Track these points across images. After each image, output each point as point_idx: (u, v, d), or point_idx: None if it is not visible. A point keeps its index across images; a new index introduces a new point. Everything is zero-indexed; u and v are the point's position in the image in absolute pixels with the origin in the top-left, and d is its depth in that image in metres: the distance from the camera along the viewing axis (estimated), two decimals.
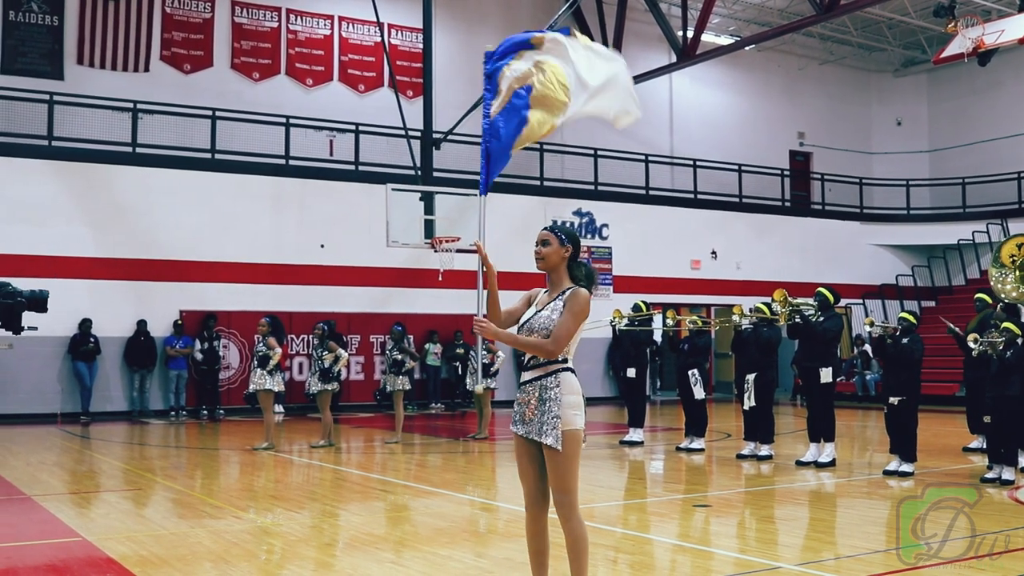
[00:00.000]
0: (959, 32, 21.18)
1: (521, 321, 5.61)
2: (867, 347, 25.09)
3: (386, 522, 9.28)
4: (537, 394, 5.45)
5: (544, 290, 5.70)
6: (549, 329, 5.42)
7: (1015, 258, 11.75)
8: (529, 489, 5.54)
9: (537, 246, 5.66)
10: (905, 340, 11.54)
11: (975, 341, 10.99)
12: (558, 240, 5.62)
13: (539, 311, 5.55)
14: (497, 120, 5.89)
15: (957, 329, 12.35)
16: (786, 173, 30.34)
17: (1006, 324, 10.92)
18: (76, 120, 20.54)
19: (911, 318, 11.81)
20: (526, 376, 5.52)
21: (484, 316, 5.53)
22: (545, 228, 5.71)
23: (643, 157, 27.19)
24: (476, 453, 14.80)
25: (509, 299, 5.72)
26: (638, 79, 26.36)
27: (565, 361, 5.51)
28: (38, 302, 8.50)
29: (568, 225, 5.80)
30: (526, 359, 5.54)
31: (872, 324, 12.14)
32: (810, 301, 13.08)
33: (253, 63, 23.58)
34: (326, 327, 15.45)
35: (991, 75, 28.58)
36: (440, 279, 20.43)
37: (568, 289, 5.54)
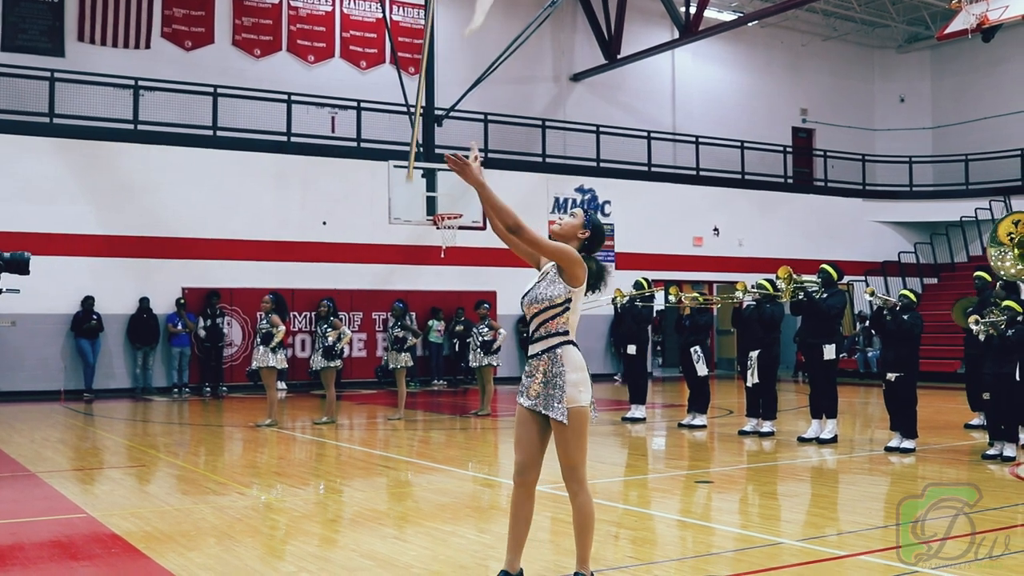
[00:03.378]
0: (963, 8, 21.07)
1: (522, 296, 5.60)
2: (868, 324, 25.11)
3: (389, 498, 9.30)
4: (543, 370, 5.46)
5: (551, 266, 5.61)
6: (550, 301, 5.42)
7: (1013, 236, 11.73)
8: (522, 458, 5.53)
9: (555, 222, 5.66)
10: (905, 316, 11.53)
11: (975, 323, 10.97)
12: (584, 220, 5.63)
13: (539, 282, 5.54)
14: None
15: (883, 299, 12.11)
16: (789, 150, 30.28)
17: (1007, 302, 10.91)
18: (77, 97, 20.52)
19: (912, 296, 11.81)
20: (532, 349, 5.53)
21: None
22: (580, 206, 5.64)
23: (645, 134, 27.14)
24: (478, 429, 14.83)
25: (521, 285, 5.72)
26: (641, 55, 26.44)
27: (567, 334, 5.51)
28: (18, 264, 8.42)
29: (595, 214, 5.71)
30: (530, 332, 5.53)
31: (873, 294, 12.13)
32: (814, 278, 13.06)
33: (254, 40, 23.52)
34: (331, 304, 15.47)
35: (995, 51, 28.49)
36: (442, 256, 20.47)
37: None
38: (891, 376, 11.60)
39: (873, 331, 12.02)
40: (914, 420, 11.63)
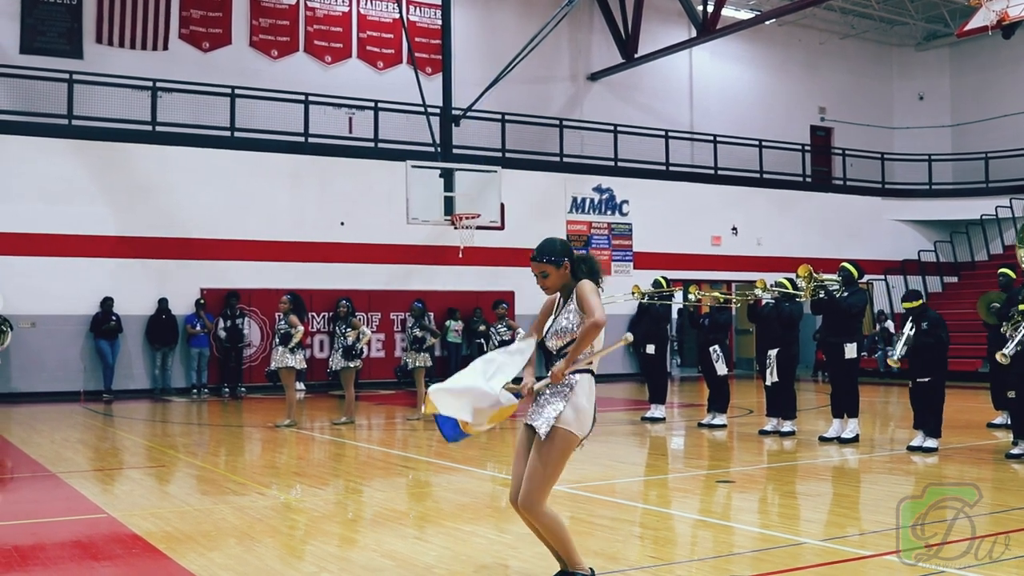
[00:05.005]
0: (983, 5, 20.95)
1: (544, 331, 5.61)
2: (889, 323, 25.00)
3: (408, 498, 9.29)
4: (555, 390, 5.46)
5: (558, 295, 5.66)
6: (571, 331, 5.45)
7: None
8: (516, 478, 5.51)
9: (538, 280, 5.60)
10: (925, 325, 11.38)
11: (1004, 358, 10.79)
12: (554, 265, 5.53)
13: (556, 317, 5.57)
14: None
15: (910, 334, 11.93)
16: (807, 148, 30.15)
17: None
18: (96, 99, 20.57)
19: (916, 303, 11.60)
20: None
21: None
22: (533, 259, 5.56)
23: (663, 133, 27.07)
24: (497, 429, 14.77)
25: (522, 277, 5.70)
26: (658, 54, 26.38)
27: (589, 364, 5.52)
28: None
29: (547, 238, 5.66)
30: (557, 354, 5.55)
31: (1004, 356, 11.50)
32: (834, 276, 12.98)
33: (271, 40, 23.55)
34: (350, 304, 15.47)
35: (1015, 48, 28.29)
36: (460, 256, 20.48)
37: (575, 286, 5.53)
38: (922, 380, 11.48)
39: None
40: (940, 419, 11.54)
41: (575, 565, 5.51)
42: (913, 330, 11.44)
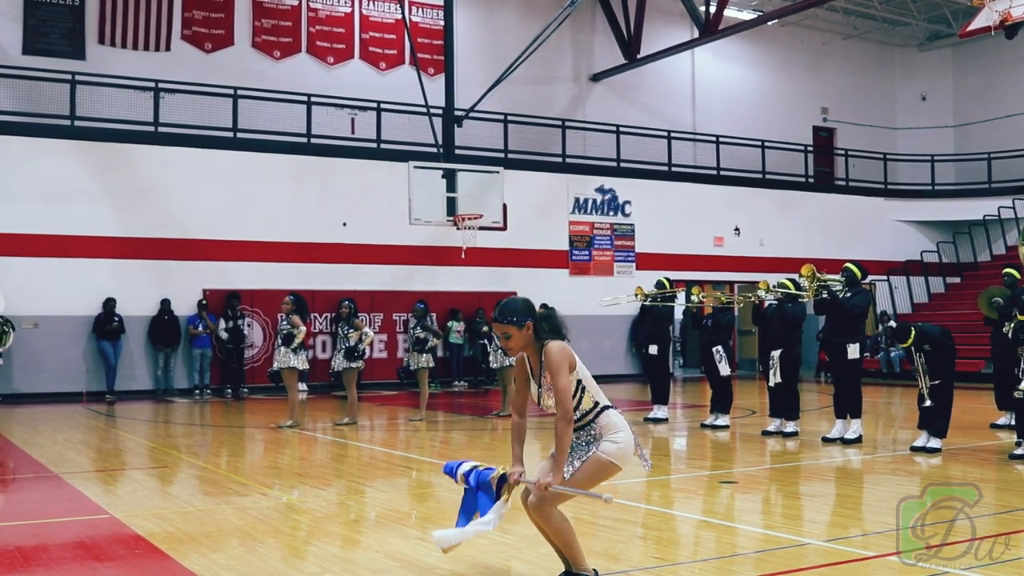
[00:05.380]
0: (985, 5, 20.91)
1: (535, 394, 5.57)
2: (892, 323, 24.95)
3: (411, 499, 9.28)
4: (585, 439, 5.49)
5: (525, 356, 5.61)
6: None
7: None
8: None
9: (501, 341, 5.55)
10: (927, 347, 11.34)
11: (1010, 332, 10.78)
12: (516, 326, 5.45)
13: (541, 389, 5.51)
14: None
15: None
16: (809, 149, 30.14)
17: None
18: (98, 100, 20.59)
19: (908, 340, 11.52)
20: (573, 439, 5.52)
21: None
22: (495, 319, 5.51)
23: (665, 133, 27.07)
24: (500, 430, 14.79)
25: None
26: (660, 55, 26.38)
27: (597, 405, 5.49)
28: None
29: (509, 298, 5.65)
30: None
31: (890, 322, 11.63)
32: (837, 277, 12.97)
33: (274, 41, 23.56)
34: (352, 304, 15.47)
35: (1018, 48, 28.24)
36: (463, 256, 20.49)
37: (543, 349, 5.46)
38: (931, 382, 11.45)
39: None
40: (947, 421, 11.51)
41: (580, 567, 5.51)
42: (922, 357, 11.39)
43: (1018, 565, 6.18)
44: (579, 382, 5.44)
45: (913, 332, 11.40)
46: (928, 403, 11.33)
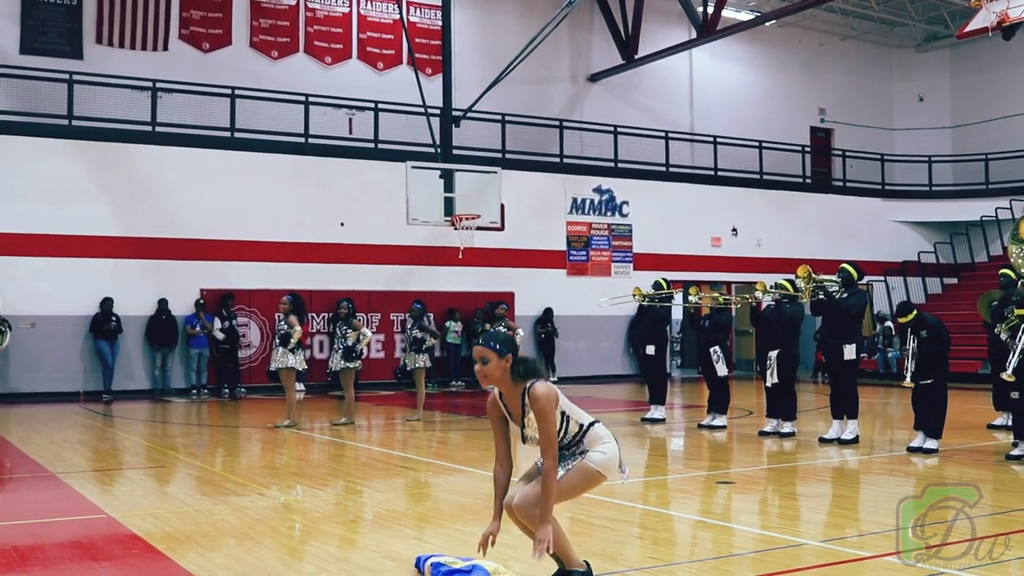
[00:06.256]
0: (983, 6, 20.93)
1: (521, 432, 5.53)
2: (889, 324, 24.98)
3: (408, 499, 9.28)
4: (573, 453, 5.53)
5: (499, 393, 5.57)
6: (550, 431, 5.40)
7: None
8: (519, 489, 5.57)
9: (476, 364, 5.47)
10: (924, 333, 11.37)
11: (1002, 333, 10.79)
12: (496, 353, 5.42)
13: (524, 428, 5.47)
14: None
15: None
16: (807, 149, 30.16)
17: None
18: (96, 99, 20.58)
19: (910, 316, 11.56)
20: (562, 455, 5.53)
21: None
22: (478, 343, 5.48)
23: (663, 134, 27.08)
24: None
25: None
26: (658, 55, 26.39)
27: (582, 427, 5.52)
28: None
29: (498, 330, 5.63)
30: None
31: (887, 323, 11.67)
32: (834, 277, 12.98)
33: (272, 41, 23.56)
34: (350, 305, 15.47)
35: (1015, 49, 28.29)
36: (460, 257, 20.46)
37: (525, 392, 5.41)
38: (925, 382, 11.47)
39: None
40: (942, 420, 11.53)
41: (571, 563, 5.54)
42: (916, 342, 11.42)
43: (1018, 565, 6.19)
44: (563, 414, 5.45)
45: (915, 311, 11.47)
46: (909, 381, 11.36)
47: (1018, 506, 8.30)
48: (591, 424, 5.54)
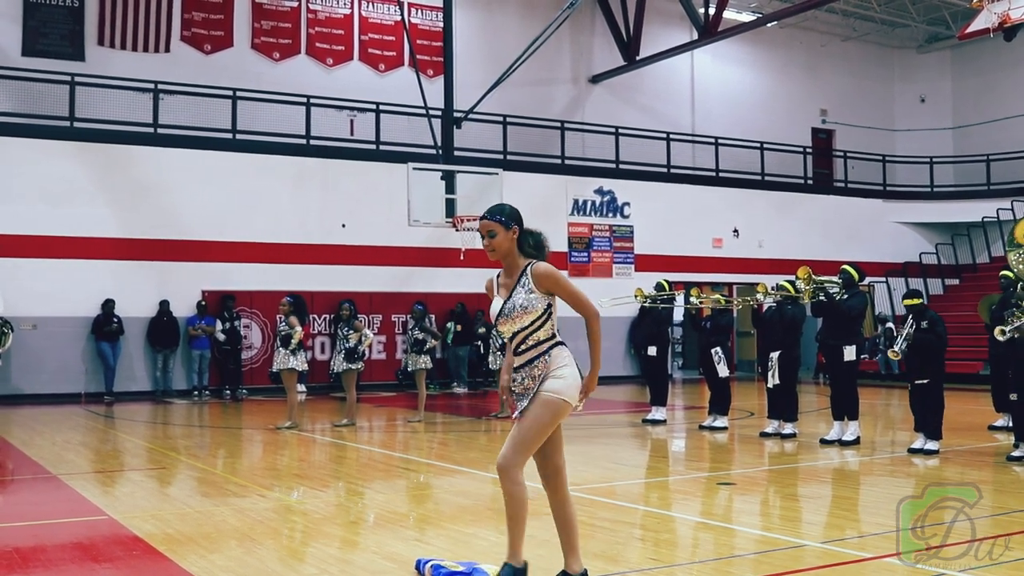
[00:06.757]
0: (984, 7, 20.91)
1: (494, 314, 5.50)
2: (890, 325, 24.95)
3: (409, 500, 9.29)
4: (537, 372, 5.41)
5: (497, 273, 5.58)
6: (528, 310, 5.36)
7: None
8: (538, 466, 5.57)
9: (484, 239, 5.46)
10: (924, 323, 11.40)
11: (1001, 333, 10.80)
12: (503, 226, 5.44)
13: (508, 299, 5.44)
14: None
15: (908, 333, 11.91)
16: (808, 151, 30.16)
17: None
18: (97, 101, 20.60)
19: (916, 300, 11.62)
20: (517, 362, 5.46)
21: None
22: (484, 217, 5.46)
23: (664, 135, 27.08)
24: (498, 432, 14.79)
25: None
26: (660, 56, 26.40)
27: (553, 338, 5.47)
28: None
29: (503, 203, 5.59)
30: (514, 344, 5.46)
31: (1003, 332, 11.61)
32: (834, 278, 12.98)
33: (273, 43, 23.58)
34: (352, 306, 15.47)
35: (1017, 50, 28.27)
36: (462, 258, 20.46)
37: (527, 267, 5.42)
38: (920, 382, 11.49)
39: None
40: (940, 421, 11.54)
41: (514, 555, 5.49)
42: (913, 327, 11.45)
43: (1018, 566, 6.19)
44: (550, 306, 5.43)
45: (923, 299, 11.52)
46: (900, 349, 11.40)
47: (1018, 507, 8.30)
48: (559, 343, 5.49)
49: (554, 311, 5.47)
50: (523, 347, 5.45)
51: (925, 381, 11.46)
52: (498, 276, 5.60)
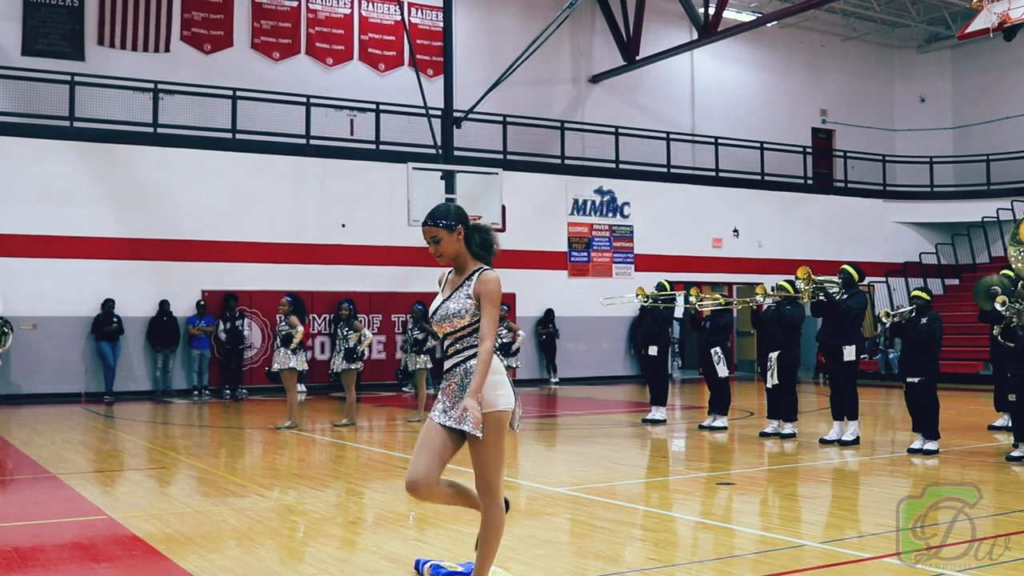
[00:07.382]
0: (984, 7, 20.95)
1: (432, 310, 5.40)
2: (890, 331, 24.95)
3: (409, 500, 9.27)
4: (458, 379, 5.31)
5: (450, 270, 5.46)
6: (461, 316, 5.22)
7: None
8: (414, 471, 5.46)
9: (430, 246, 5.31)
10: (924, 320, 11.42)
11: (1003, 304, 10.81)
12: (446, 230, 5.25)
13: (446, 299, 5.32)
14: None
15: (901, 316, 11.94)
16: (808, 151, 30.16)
17: None
18: (97, 101, 20.60)
19: (924, 295, 11.69)
20: (447, 364, 5.36)
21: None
22: (426, 223, 5.28)
23: (664, 135, 27.07)
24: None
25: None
26: (660, 56, 26.40)
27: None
28: None
29: (444, 202, 5.41)
30: (445, 346, 5.39)
31: (888, 315, 11.92)
32: (834, 278, 12.98)
33: (273, 43, 23.57)
34: (352, 306, 15.47)
35: (1016, 50, 28.31)
36: None
37: (474, 273, 5.29)
38: (912, 380, 11.51)
39: (892, 337, 11.92)
40: (936, 421, 11.54)
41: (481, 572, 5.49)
42: (914, 313, 11.48)
43: (1018, 566, 6.19)
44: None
45: (930, 298, 11.54)
46: (894, 321, 11.45)
47: (1018, 507, 8.30)
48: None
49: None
50: (452, 351, 5.36)
51: (917, 380, 11.47)
52: (449, 273, 5.49)
